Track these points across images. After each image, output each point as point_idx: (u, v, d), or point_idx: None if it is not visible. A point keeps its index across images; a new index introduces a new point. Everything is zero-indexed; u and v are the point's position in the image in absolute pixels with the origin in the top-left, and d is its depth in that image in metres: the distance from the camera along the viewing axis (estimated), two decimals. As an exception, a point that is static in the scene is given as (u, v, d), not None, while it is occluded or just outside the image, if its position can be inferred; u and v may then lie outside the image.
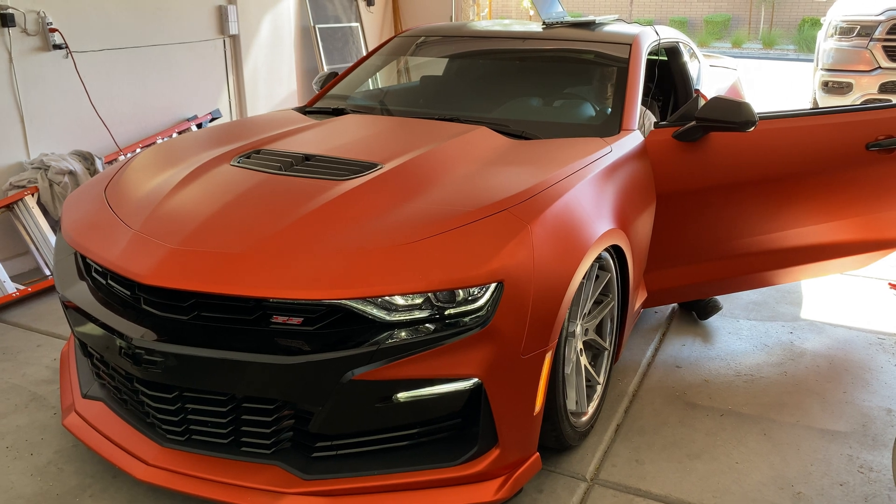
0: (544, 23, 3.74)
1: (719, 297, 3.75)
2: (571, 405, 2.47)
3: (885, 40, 6.03)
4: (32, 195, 3.95)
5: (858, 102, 6.16)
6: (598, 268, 2.55)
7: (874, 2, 6.33)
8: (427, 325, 1.96)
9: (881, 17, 6.06)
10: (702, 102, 3.01)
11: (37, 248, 3.95)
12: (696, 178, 2.95)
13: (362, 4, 7.01)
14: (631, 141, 2.93)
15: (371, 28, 7.21)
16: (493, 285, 1.98)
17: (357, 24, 6.91)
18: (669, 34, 3.91)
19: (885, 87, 6.07)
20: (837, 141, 3.05)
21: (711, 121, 2.85)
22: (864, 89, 6.11)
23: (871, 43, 6.08)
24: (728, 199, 3.01)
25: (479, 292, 1.98)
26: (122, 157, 4.49)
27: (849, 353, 3.24)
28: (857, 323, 3.53)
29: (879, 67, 6.07)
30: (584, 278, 2.36)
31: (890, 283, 3.95)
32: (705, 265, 3.14)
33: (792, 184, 3.05)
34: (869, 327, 3.49)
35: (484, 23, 4.06)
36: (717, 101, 2.86)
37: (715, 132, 2.94)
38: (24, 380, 2.97)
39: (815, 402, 2.86)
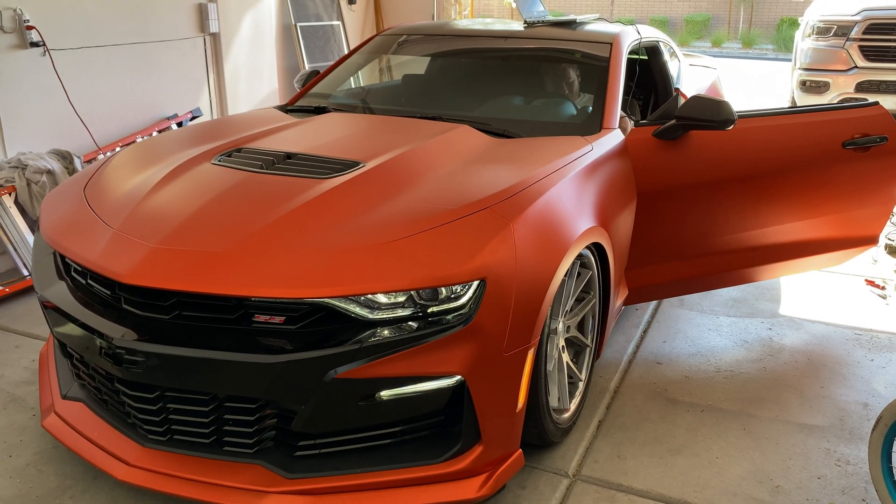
0: (526, 22, 3.76)
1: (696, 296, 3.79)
2: (554, 402, 2.49)
3: (861, 40, 6.11)
4: (10, 194, 3.90)
5: (835, 101, 6.24)
6: (580, 265, 2.57)
7: (850, 2, 6.41)
8: (410, 322, 1.97)
9: (857, 18, 6.14)
10: (681, 101, 3.04)
11: (14, 249, 3.90)
12: (675, 176, 2.98)
13: (344, 3, 6.99)
14: (612, 139, 2.95)
15: (352, 26, 7.19)
16: (475, 283, 1.99)
17: (338, 23, 6.89)
18: (650, 33, 3.94)
19: (861, 87, 6.15)
20: (815, 139, 3.10)
21: (691, 119, 2.89)
22: (841, 88, 6.19)
23: (848, 43, 6.16)
24: (708, 196, 3.04)
25: (461, 290, 1.99)
26: (101, 156, 4.45)
27: (826, 348, 3.29)
28: (835, 319, 3.58)
29: (856, 67, 6.16)
30: (565, 276, 2.38)
31: (866, 280, 4.02)
32: (686, 262, 3.17)
33: (771, 182, 3.10)
34: (846, 323, 3.54)
35: (465, 21, 4.07)
36: (697, 100, 2.89)
37: (694, 130, 2.98)
38: (3, 381, 2.94)
39: (794, 397, 2.90)
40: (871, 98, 6.12)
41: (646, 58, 4.11)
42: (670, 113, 2.99)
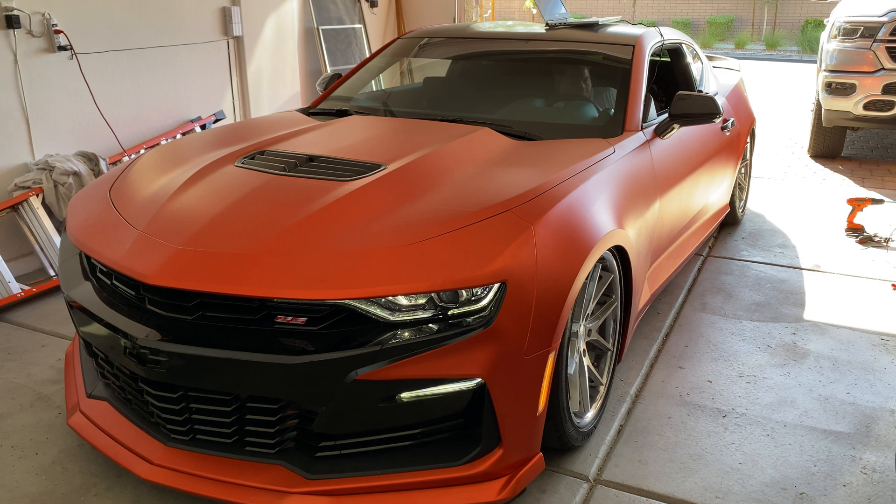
0: (547, 24, 3.75)
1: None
2: (574, 406, 2.48)
3: (889, 41, 6.01)
4: (37, 196, 3.96)
5: (861, 104, 6.15)
6: (601, 268, 2.55)
7: (877, 3, 6.31)
8: (430, 325, 1.97)
9: (884, 19, 6.05)
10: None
11: (41, 249, 3.96)
12: (661, 171, 3.11)
13: (365, 6, 7.02)
14: (634, 141, 2.94)
15: (374, 29, 7.22)
16: (496, 286, 1.99)
17: (360, 26, 6.92)
18: (672, 35, 3.92)
19: (888, 88, 6.05)
20: (714, 128, 3.84)
21: (680, 115, 3.13)
22: (868, 90, 6.09)
23: (875, 44, 6.06)
24: (673, 187, 3.23)
25: (482, 293, 1.99)
26: (126, 158, 4.51)
27: (852, 354, 3.24)
28: (861, 324, 3.53)
29: (883, 69, 6.06)
30: (586, 279, 2.37)
31: (893, 285, 3.95)
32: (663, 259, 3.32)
33: (704, 168, 3.60)
34: (872, 328, 3.48)
35: (487, 24, 4.07)
36: (684, 97, 3.12)
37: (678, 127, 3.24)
38: (29, 380, 2.98)
39: (818, 403, 2.86)
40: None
41: (668, 59, 4.08)
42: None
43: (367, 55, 5.90)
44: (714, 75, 4.57)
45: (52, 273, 3.94)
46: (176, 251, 2.11)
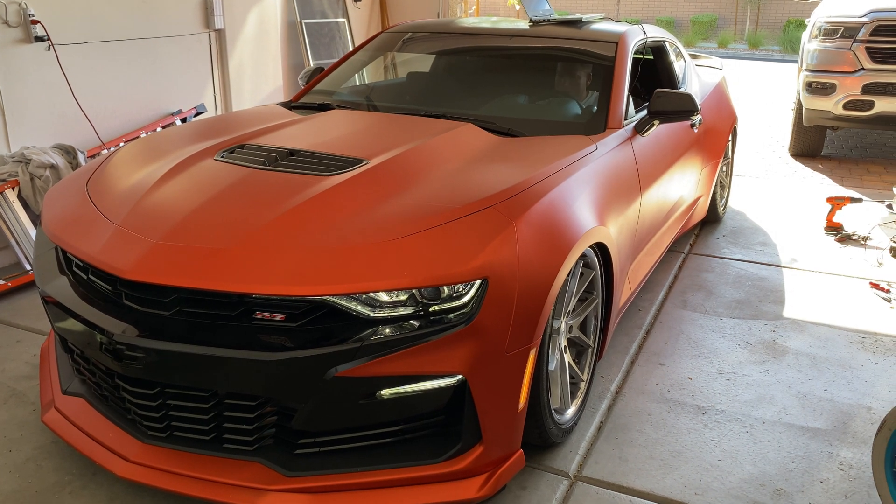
0: (531, 20, 3.74)
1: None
2: (555, 402, 2.48)
3: (869, 42, 6.07)
4: (13, 189, 3.90)
5: (841, 104, 6.21)
6: (583, 265, 2.55)
7: (858, 3, 6.37)
8: (411, 321, 1.96)
9: (864, 19, 6.10)
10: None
11: (17, 243, 3.90)
12: (640, 168, 3.13)
13: (349, 0, 6.98)
14: (616, 139, 2.94)
15: (358, 24, 7.18)
16: (477, 282, 1.98)
17: (344, 20, 6.88)
18: (656, 33, 3.93)
19: (867, 89, 6.11)
20: (683, 125, 3.81)
21: (658, 113, 3.16)
22: (848, 90, 6.15)
23: (855, 44, 6.12)
24: (652, 185, 3.24)
25: (463, 289, 1.98)
26: (104, 152, 4.45)
27: (830, 351, 3.27)
28: (839, 321, 3.56)
29: (863, 69, 6.11)
30: (568, 276, 2.37)
31: (871, 283, 4.00)
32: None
33: (678, 164, 3.62)
34: (850, 326, 3.52)
35: (471, 20, 4.05)
36: (662, 94, 3.15)
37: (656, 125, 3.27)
38: (3, 376, 2.94)
39: (797, 399, 2.88)
40: (877, 100, 6.09)
41: (651, 57, 4.09)
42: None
43: (351, 49, 5.85)
44: (697, 73, 4.58)
45: (27, 267, 3.88)
46: (153, 246, 2.08)
